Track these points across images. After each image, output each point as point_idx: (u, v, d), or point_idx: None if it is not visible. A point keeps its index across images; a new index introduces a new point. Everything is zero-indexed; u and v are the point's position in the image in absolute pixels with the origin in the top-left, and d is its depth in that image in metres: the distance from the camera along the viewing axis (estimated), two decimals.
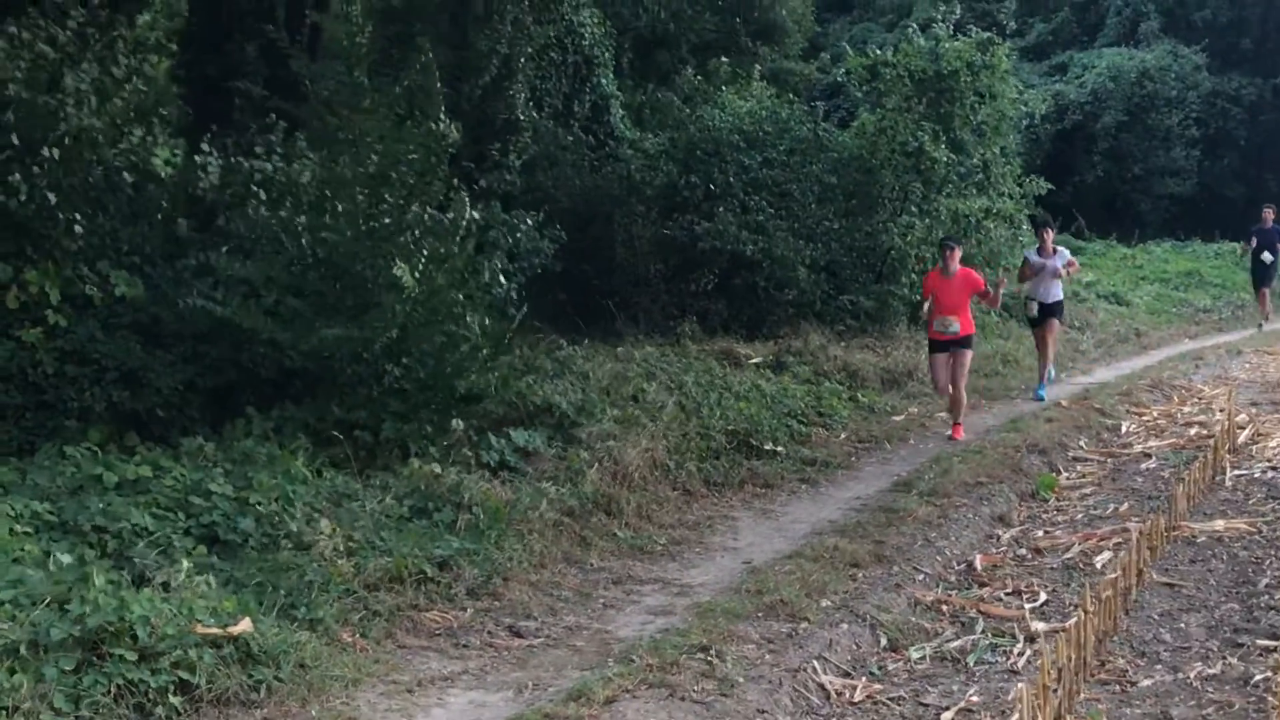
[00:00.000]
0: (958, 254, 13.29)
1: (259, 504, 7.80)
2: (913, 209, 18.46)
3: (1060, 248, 16.17)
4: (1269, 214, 23.29)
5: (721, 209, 16.97)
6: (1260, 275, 23.90)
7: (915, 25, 20.89)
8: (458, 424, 10.05)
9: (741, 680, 6.48)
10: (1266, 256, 23.23)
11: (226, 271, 10.00)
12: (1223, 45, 37.78)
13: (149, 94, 12.27)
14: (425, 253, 10.18)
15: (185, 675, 5.82)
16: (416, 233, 10.35)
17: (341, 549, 7.47)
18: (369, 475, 9.05)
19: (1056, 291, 15.88)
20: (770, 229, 17.06)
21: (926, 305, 13.49)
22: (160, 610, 6.06)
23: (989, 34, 19.52)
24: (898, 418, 14.11)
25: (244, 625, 6.20)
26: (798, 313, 17.47)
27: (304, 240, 10.35)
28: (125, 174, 10.93)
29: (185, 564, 6.73)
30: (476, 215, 12.81)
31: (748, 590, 7.92)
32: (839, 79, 28.76)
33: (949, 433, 13.21)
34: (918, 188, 18.35)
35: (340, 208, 10.33)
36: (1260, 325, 23.76)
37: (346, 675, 6.30)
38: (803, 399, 13.76)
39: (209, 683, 5.87)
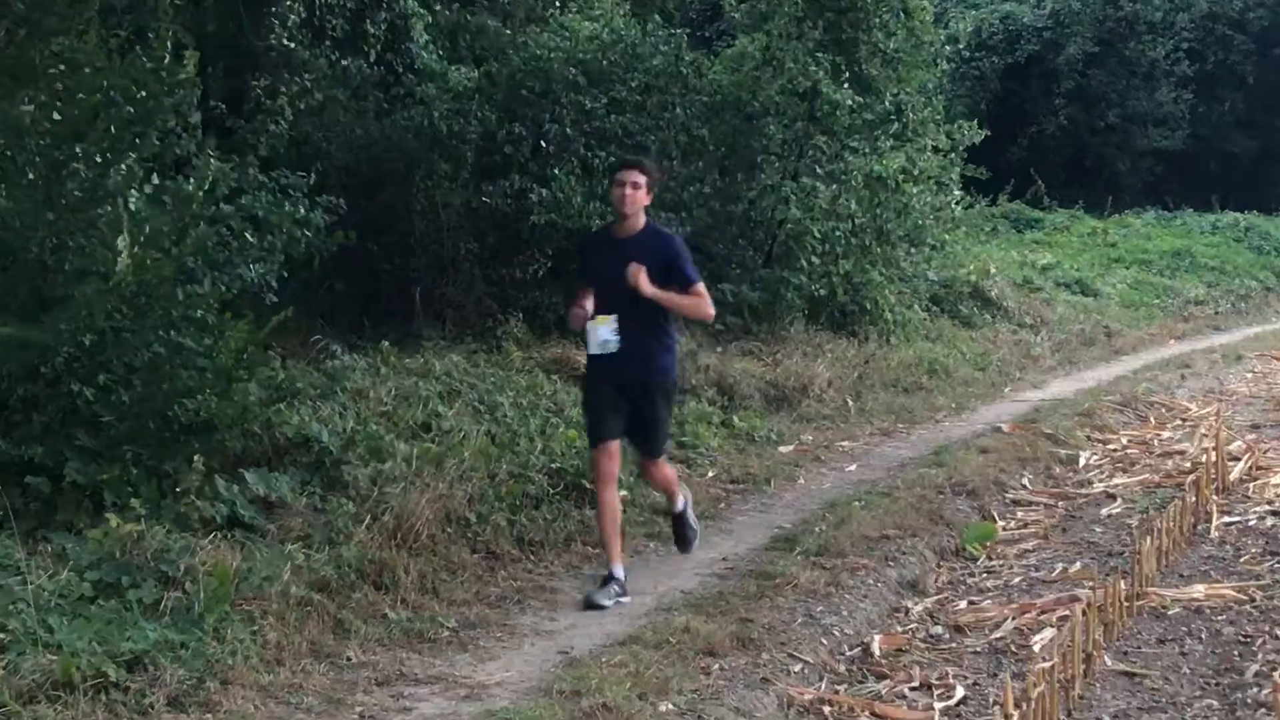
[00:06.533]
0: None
1: None
2: (816, 170, 18.42)
3: None
4: (632, 194, 9.85)
5: (558, 169, 16.74)
6: (606, 397, 10.00)
7: None
8: (198, 461, 9.73)
9: None
10: (607, 338, 9.87)
11: None
12: None
13: None
14: (146, 230, 9.85)
15: None
16: (125, 201, 10.01)
17: None
18: (43, 537, 8.67)
19: None
20: None
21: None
22: None
23: None
24: (785, 449, 14.05)
25: None
26: None
27: None
28: None
29: None
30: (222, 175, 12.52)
31: (561, 692, 7.69)
32: None
33: None
34: (821, 141, 18.31)
35: (18, 165, 9.97)
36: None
37: None
38: None
39: None
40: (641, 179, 9.84)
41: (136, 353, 9.81)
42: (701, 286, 10.11)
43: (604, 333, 9.73)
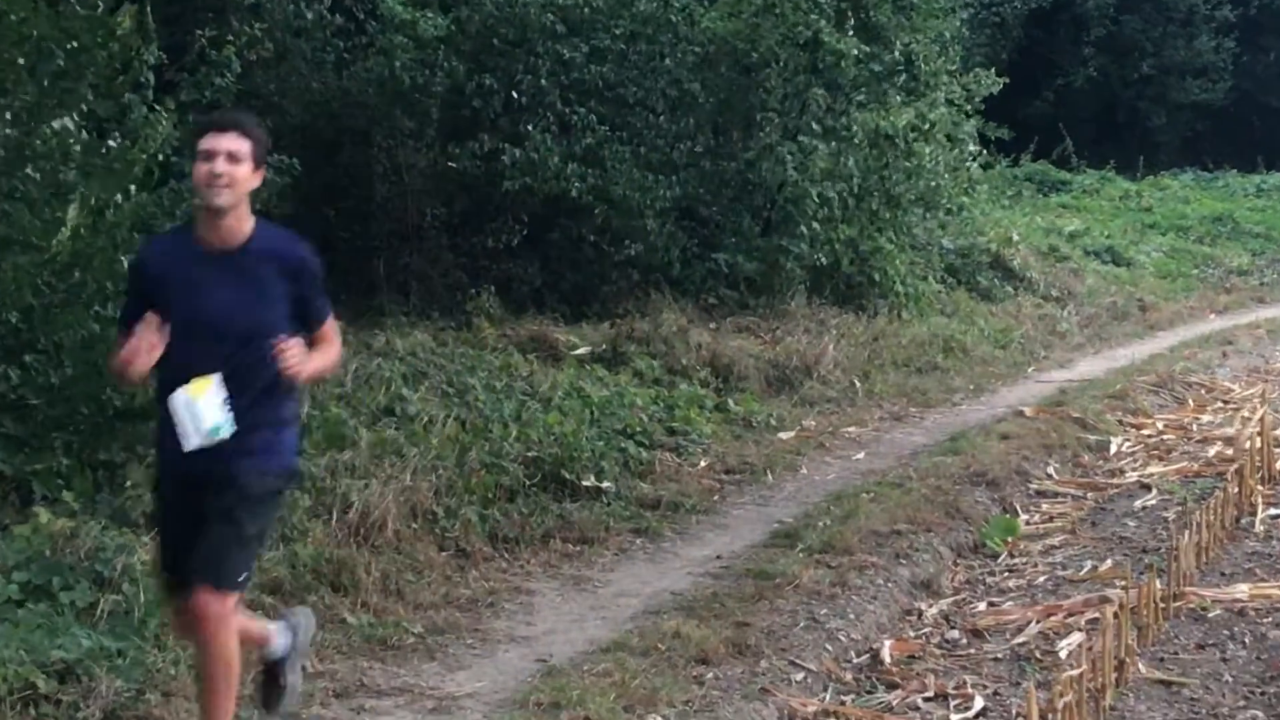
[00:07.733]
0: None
1: None
2: (814, 126, 18.41)
3: None
4: (229, 170, 6.35)
5: (532, 127, 16.73)
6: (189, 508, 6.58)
7: None
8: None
9: None
10: (218, 420, 6.25)
11: None
12: None
13: None
14: (93, 200, 9.83)
15: None
16: (59, 161, 10.00)
17: None
18: None
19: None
20: (605, 157, 16.87)
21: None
22: None
23: None
24: (786, 435, 14.06)
25: None
26: (645, 280, 17.34)
27: None
28: None
29: None
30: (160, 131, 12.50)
31: (539, 703, 7.70)
32: None
33: None
34: (820, 95, 18.29)
35: None
36: None
37: None
38: (647, 409, 13.63)
39: None
40: (244, 146, 6.40)
41: (68, 331, 9.77)
42: (332, 324, 6.86)
43: (209, 408, 6.26)
